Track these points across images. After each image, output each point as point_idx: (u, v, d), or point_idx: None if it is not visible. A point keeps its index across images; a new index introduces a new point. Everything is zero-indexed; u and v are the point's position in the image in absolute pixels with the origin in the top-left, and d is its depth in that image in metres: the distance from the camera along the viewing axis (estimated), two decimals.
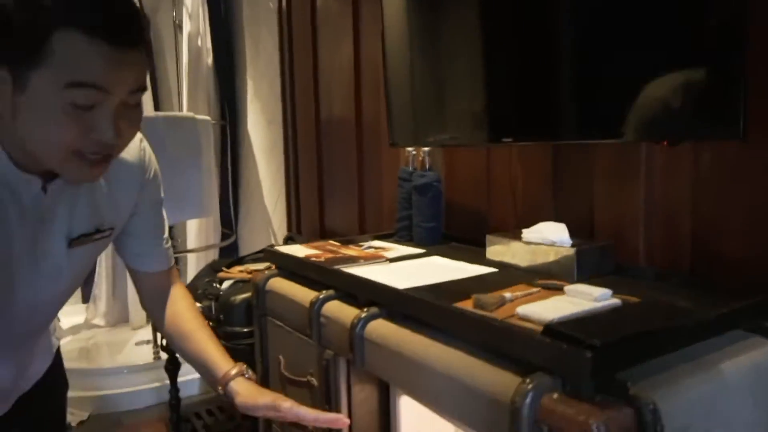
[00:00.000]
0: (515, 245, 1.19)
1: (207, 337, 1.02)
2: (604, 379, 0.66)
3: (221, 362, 0.97)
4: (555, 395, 0.67)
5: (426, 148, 1.54)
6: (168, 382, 2.66)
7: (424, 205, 1.53)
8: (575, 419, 0.63)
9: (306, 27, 2.69)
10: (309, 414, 0.89)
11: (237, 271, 1.85)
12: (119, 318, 3.97)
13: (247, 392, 0.93)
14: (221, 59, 3.57)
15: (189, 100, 3.56)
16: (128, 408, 2.85)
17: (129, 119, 0.76)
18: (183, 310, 1.05)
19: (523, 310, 0.81)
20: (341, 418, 0.90)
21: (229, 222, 3.59)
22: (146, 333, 3.58)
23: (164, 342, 2.45)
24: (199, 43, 3.59)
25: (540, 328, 0.72)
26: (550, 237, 1.14)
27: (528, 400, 0.67)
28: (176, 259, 1.07)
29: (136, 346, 3.49)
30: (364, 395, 1.11)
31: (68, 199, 0.86)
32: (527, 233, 1.20)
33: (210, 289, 1.74)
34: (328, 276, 1.19)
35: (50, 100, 0.69)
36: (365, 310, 1.01)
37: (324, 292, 1.15)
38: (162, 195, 1.04)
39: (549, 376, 0.68)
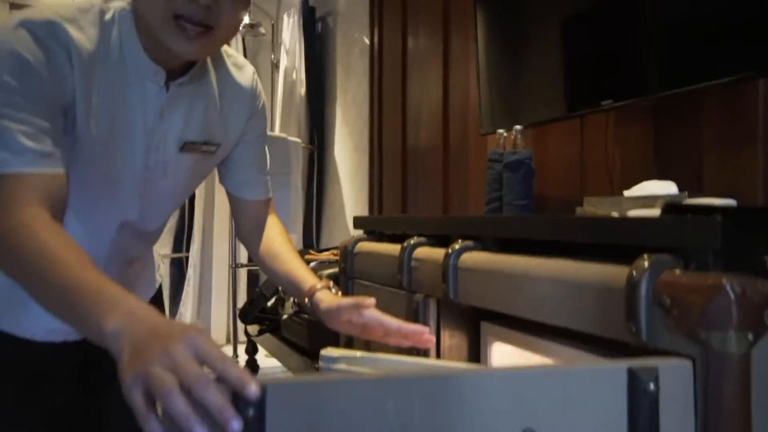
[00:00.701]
0: (617, 199, 1.13)
1: (296, 258, 1.05)
2: (734, 252, 0.60)
3: (308, 277, 0.99)
4: (677, 271, 0.62)
5: (518, 127, 1.53)
6: None
7: (516, 182, 1.50)
8: (703, 284, 0.57)
9: (396, 61, 2.81)
10: (392, 322, 0.87)
11: (323, 254, 1.87)
12: None
13: (331, 299, 0.93)
14: (313, 90, 3.76)
15: (282, 125, 3.77)
16: None
17: None
18: (276, 235, 1.08)
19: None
20: (426, 332, 0.87)
21: (310, 244, 3.67)
22: (227, 349, 3.65)
23: (243, 352, 2.51)
24: (294, 76, 3.82)
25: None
26: (657, 191, 1.08)
27: (647, 273, 0.62)
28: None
29: None
30: (454, 342, 1.07)
31: (186, 104, 0.91)
32: (629, 192, 1.14)
33: None
34: (418, 224, 1.18)
35: None
36: (459, 242, 0.99)
37: (415, 238, 1.14)
38: (267, 131, 1.10)
39: (669, 255, 0.63)
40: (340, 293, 0.98)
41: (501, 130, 1.59)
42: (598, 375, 0.57)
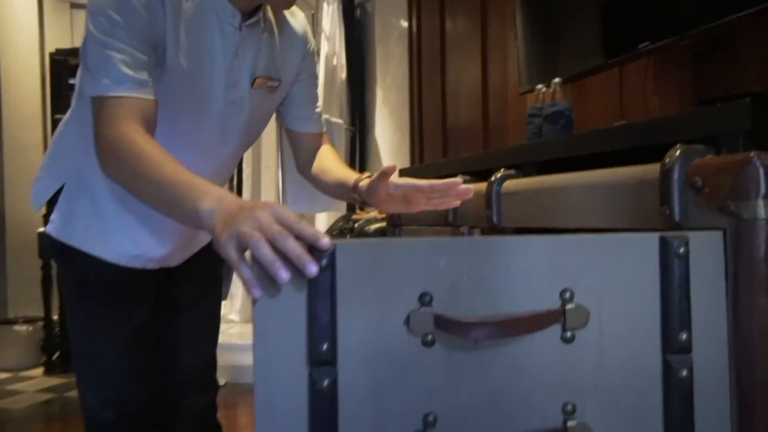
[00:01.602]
0: None
1: (343, 166, 1.14)
2: (764, 133, 0.64)
3: (353, 175, 1.07)
4: (708, 156, 0.66)
5: (557, 79, 1.56)
6: None
7: (557, 133, 1.53)
8: (732, 161, 0.62)
9: (435, 43, 2.86)
10: (424, 183, 0.93)
11: (370, 212, 1.95)
12: (250, 317, 4.24)
13: (369, 182, 1.00)
14: (354, 74, 3.85)
15: (324, 108, 3.86)
16: None
17: None
18: (326, 153, 1.18)
19: None
20: (459, 182, 0.92)
21: None
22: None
23: None
24: (335, 62, 3.91)
25: None
26: None
27: (679, 160, 0.66)
28: None
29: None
30: None
31: (255, 43, 1.01)
32: None
33: (345, 225, 1.85)
34: (460, 163, 1.24)
35: None
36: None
37: (459, 176, 1.20)
38: (317, 72, 1.20)
39: (701, 145, 0.68)
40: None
41: (540, 86, 1.63)
42: (631, 242, 0.62)
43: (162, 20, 0.89)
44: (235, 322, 4.17)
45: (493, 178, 1.03)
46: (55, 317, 3.39)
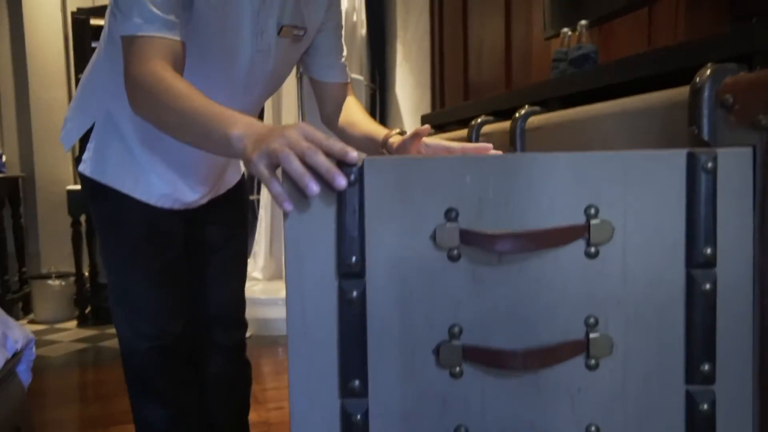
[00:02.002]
0: None
1: (371, 121, 1.14)
2: None
3: (382, 131, 1.08)
4: (741, 74, 0.65)
5: (583, 22, 1.53)
6: None
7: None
8: (766, 76, 0.61)
9: None
10: (456, 146, 0.94)
11: None
12: (274, 273, 4.31)
13: (399, 139, 1.01)
14: (374, 30, 3.80)
15: None
16: (284, 333, 3.10)
17: None
18: (352, 106, 1.18)
19: None
20: (490, 147, 0.93)
21: None
22: (282, 284, 3.85)
23: None
24: (354, 18, 3.86)
25: None
26: None
27: (710, 78, 0.65)
28: None
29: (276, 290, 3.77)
30: None
31: None
32: None
33: None
34: (484, 104, 1.23)
35: None
36: (526, 107, 1.04)
37: (482, 116, 1.20)
38: (342, 22, 1.19)
39: (734, 63, 0.66)
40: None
41: (566, 29, 1.60)
42: (658, 158, 0.62)
43: None
44: (259, 279, 4.25)
45: (517, 115, 1.02)
46: (86, 273, 3.50)
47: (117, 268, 1.10)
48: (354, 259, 0.61)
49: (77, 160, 1.12)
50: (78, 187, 3.49)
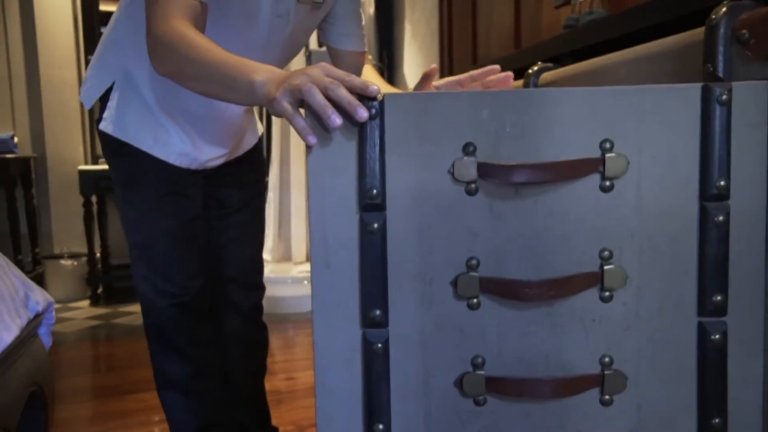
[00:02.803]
0: None
1: (387, 85, 1.15)
2: None
3: (392, 88, 1.09)
4: (756, 9, 0.66)
5: None
6: None
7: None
8: None
9: None
10: (464, 76, 0.95)
11: None
12: (283, 255, 4.35)
13: (409, 89, 1.01)
14: (382, 9, 3.79)
15: None
16: (293, 311, 3.14)
17: None
18: (369, 74, 1.20)
19: None
20: (497, 69, 0.93)
21: None
22: (305, 267, 3.87)
23: None
24: None
25: None
26: None
27: (725, 16, 0.66)
28: None
29: (298, 273, 3.80)
30: None
31: None
32: None
33: None
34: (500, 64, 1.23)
35: None
36: (539, 63, 1.04)
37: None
38: None
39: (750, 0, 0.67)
40: None
41: None
42: (673, 91, 0.63)
43: None
44: (268, 261, 4.29)
45: (530, 71, 1.03)
46: (98, 254, 3.54)
47: (136, 225, 1.12)
48: (375, 191, 0.62)
49: (97, 121, 1.13)
50: (90, 167, 3.53)
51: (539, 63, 1.04)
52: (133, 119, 1.08)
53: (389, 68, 3.82)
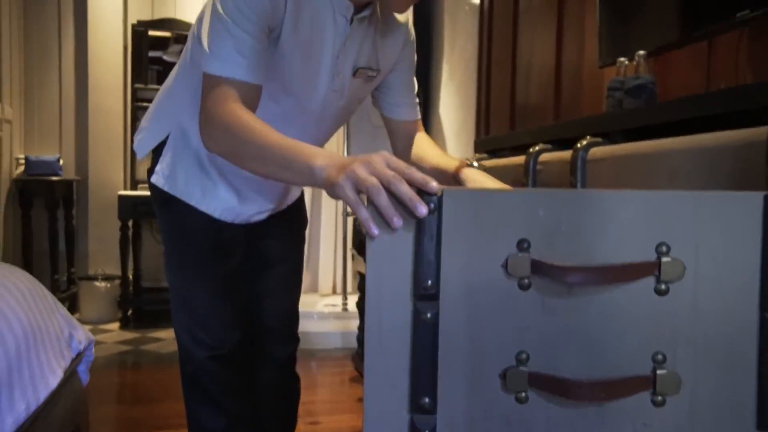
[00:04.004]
0: None
1: (443, 153, 1.16)
2: None
3: (453, 162, 1.09)
4: None
5: (641, 52, 1.54)
6: (353, 328, 2.92)
7: (639, 107, 1.51)
8: None
9: (507, 18, 2.82)
10: None
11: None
12: (310, 287, 4.37)
13: (475, 177, 1.02)
14: (420, 47, 3.85)
15: None
16: (319, 347, 3.13)
17: None
18: (423, 140, 1.20)
19: None
20: None
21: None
22: (332, 300, 3.89)
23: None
24: None
25: None
26: None
27: None
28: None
29: (325, 306, 3.81)
30: None
31: (360, 36, 1.04)
32: None
33: None
34: (543, 132, 1.24)
35: None
36: (588, 138, 1.05)
37: (540, 145, 1.21)
38: (415, 60, 1.21)
39: None
40: (480, 168, 1.05)
41: (622, 59, 1.60)
42: (732, 199, 0.63)
43: (282, 8, 0.93)
44: None
45: (578, 145, 1.04)
46: (130, 276, 3.61)
47: (181, 277, 1.15)
48: (430, 282, 0.63)
49: (149, 172, 1.17)
50: (129, 192, 3.63)
51: (588, 137, 1.04)
52: (184, 174, 1.11)
53: (425, 107, 3.87)
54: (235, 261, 1.17)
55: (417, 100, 1.23)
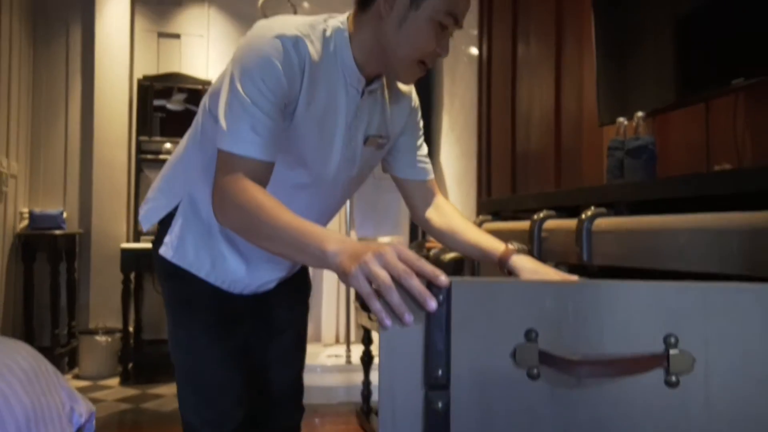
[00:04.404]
0: None
1: (479, 230, 1.16)
2: None
3: (497, 244, 1.08)
4: None
5: (640, 113, 1.56)
6: (357, 381, 2.86)
7: (639, 168, 1.52)
8: None
9: (506, 68, 2.89)
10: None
11: None
12: (313, 337, 4.32)
13: (531, 266, 0.99)
14: (420, 98, 3.92)
15: None
16: (322, 402, 3.07)
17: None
18: (452, 212, 1.20)
19: None
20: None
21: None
22: (335, 350, 3.84)
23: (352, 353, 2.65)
24: None
25: None
26: None
27: None
28: None
29: (327, 357, 3.75)
30: None
31: (371, 106, 1.08)
32: None
33: (419, 253, 1.89)
34: (548, 198, 1.25)
35: (431, 19, 0.96)
36: (592, 208, 1.05)
37: (544, 212, 1.22)
38: (421, 125, 1.24)
39: None
40: (528, 253, 1.04)
41: (621, 119, 1.63)
42: (741, 292, 0.63)
43: (299, 85, 0.96)
44: None
45: (583, 216, 1.04)
46: (131, 328, 3.58)
47: (186, 350, 1.13)
48: (440, 372, 0.63)
49: (154, 243, 1.15)
50: (131, 245, 3.63)
51: (592, 208, 1.05)
52: (193, 245, 1.11)
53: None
54: (243, 334, 1.16)
55: (428, 160, 1.24)
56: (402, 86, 1.18)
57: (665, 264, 0.85)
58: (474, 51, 3.37)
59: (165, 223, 1.14)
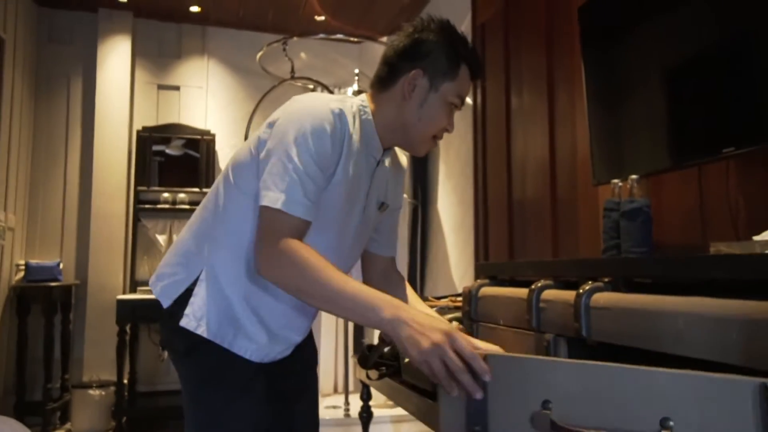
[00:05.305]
0: (748, 244, 1.15)
1: (424, 305, 1.27)
2: None
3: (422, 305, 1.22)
4: None
5: (634, 176, 1.58)
6: None
7: (635, 230, 1.53)
8: None
9: (500, 118, 2.94)
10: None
11: (442, 301, 1.97)
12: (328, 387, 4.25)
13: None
14: None
15: None
16: None
17: None
18: (403, 286, 1.31)
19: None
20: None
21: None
22: (333, 400, 3.78)
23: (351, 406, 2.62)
24: None
25: None
26: None
27: None
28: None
29: (326, 408, 3.68)
30: None
31: (383, 174, 1.21)
32: (760, 237, 1.16)
33: None
34: (546, 267, 1.25)
35: (446, 100, 1.13)
36: (589, 282, 1.06)
37: (542, 281, 1.22)
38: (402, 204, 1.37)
39: None
40: (465, 330, 1.11)
41: (616, 180, 1.65)
42: (729, 383, 0.63)
43: (339, 153, 1.08)
44: None
45: (581, 290, 1.04)
46: (125, 380, 3.51)
47: (206, 425, 1.09)
48: (478, 428, 0.79)
49: (171, 316, 1.12)
50: (128, 296, 3.59)
51: (590, 282, 1.05)
52: (216, 316, 1.10)
53: (423, 205, 3.93)
54: (262, 407, 1.13)
55: (397, 239, 1.37)
56: (401, 159, 1.29)
57: (664, 348, 0.85)
58: (468, 101, 3.43)
59: (183, 297, 1.12)
